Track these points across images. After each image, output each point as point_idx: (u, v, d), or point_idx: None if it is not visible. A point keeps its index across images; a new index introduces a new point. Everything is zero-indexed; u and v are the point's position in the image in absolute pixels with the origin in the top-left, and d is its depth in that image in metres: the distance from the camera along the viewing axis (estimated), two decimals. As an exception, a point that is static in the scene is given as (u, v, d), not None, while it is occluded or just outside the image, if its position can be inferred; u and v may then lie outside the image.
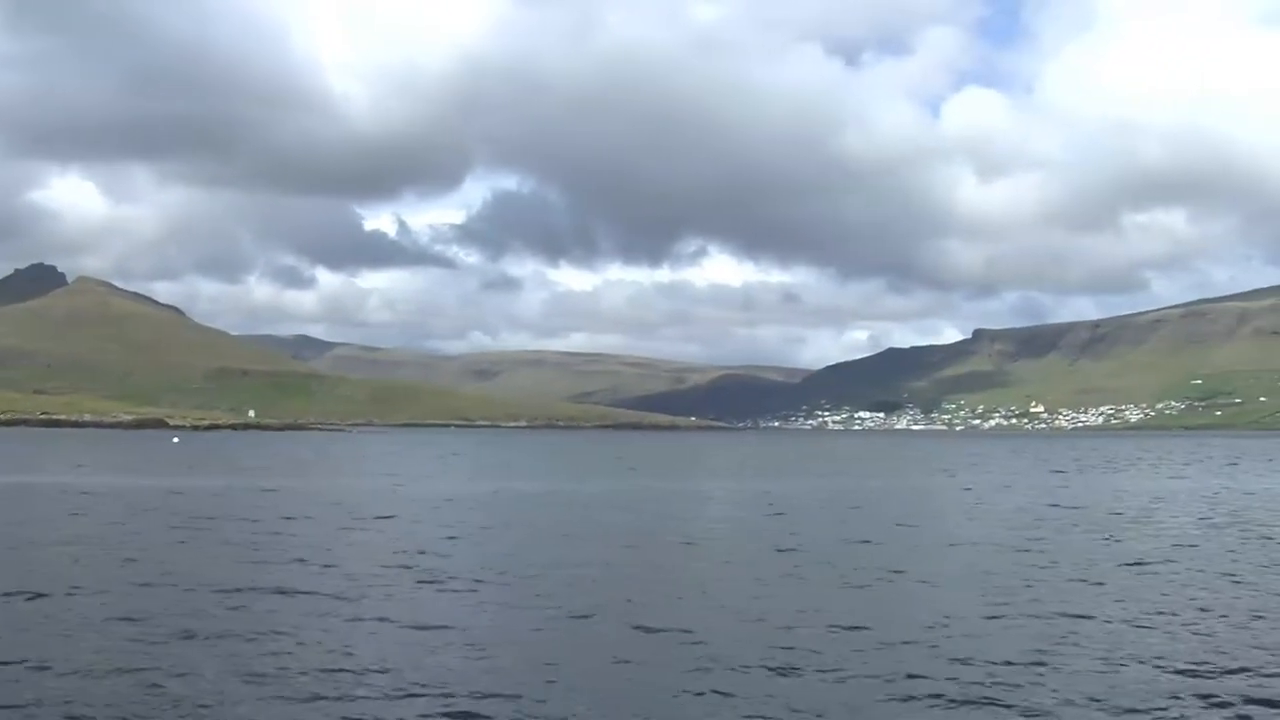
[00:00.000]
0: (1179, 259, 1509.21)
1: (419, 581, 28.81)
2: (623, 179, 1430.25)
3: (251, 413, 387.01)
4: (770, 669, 19.12)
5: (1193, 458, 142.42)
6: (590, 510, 54.37)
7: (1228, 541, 39.76)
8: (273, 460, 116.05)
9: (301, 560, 32.67)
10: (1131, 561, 33.76)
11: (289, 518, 46.83)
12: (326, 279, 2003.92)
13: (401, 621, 23.12)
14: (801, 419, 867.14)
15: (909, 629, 22.53)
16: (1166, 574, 31.04)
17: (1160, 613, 24.57)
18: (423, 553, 34.78)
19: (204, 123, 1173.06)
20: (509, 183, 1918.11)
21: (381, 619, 23.43)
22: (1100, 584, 29.14)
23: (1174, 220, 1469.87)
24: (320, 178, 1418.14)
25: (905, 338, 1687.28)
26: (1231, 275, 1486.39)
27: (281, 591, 26.80)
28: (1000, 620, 23.69)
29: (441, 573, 30.08)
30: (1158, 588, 28.39)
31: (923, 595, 27.78)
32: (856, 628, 22.57)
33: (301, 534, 40.54)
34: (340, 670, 18.84)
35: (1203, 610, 24.98)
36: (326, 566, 31.47)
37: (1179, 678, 18.60)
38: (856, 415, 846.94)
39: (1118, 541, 39.83)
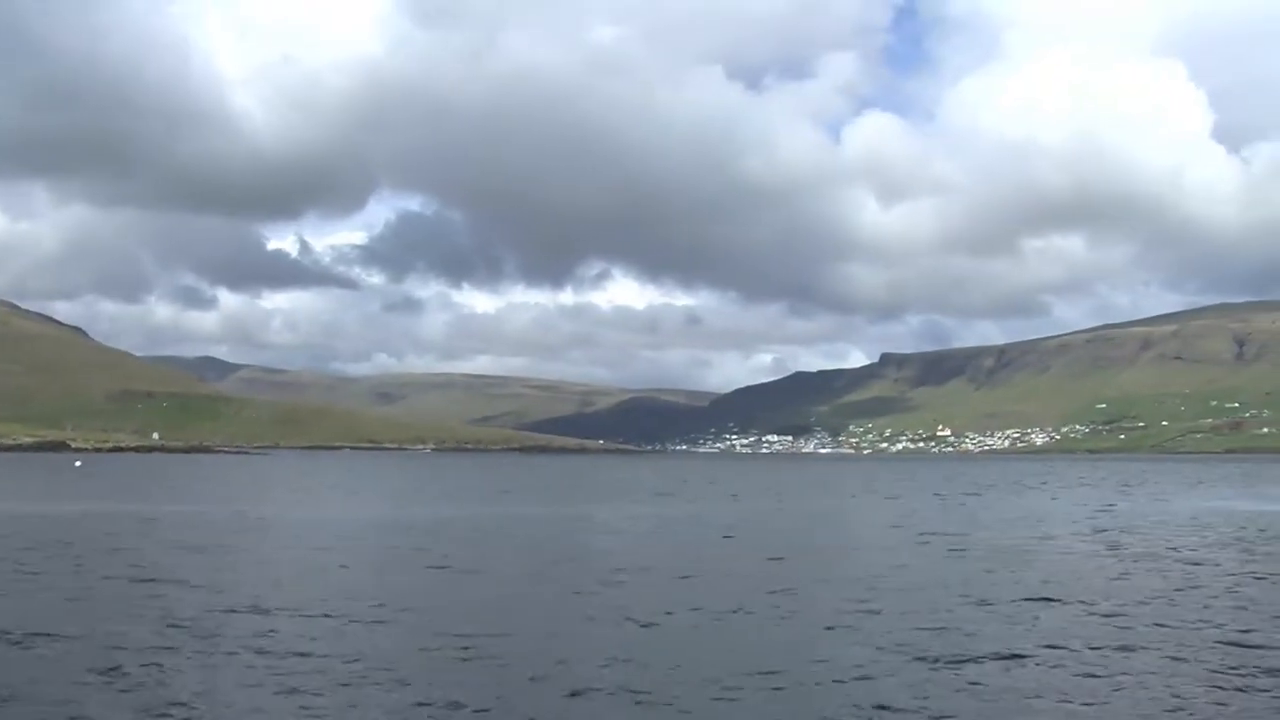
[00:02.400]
0: (1080, 284, 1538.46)
1: (266, 612, 28.22)
2: (525, 201, 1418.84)
3: (156, 435, 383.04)
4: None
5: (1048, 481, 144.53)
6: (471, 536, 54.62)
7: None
8: (168, 484, 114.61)
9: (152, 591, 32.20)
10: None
11: (157, 544, 46.33)
12: (228, 300, 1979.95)
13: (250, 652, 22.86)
14: (709, 442, 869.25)
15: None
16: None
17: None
18: (278, 584, 34.67)
19: (101, 139, 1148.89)
20: (412, 204, 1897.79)
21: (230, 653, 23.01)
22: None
23: (1073, 246, 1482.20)
24: (221, 196, 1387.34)
25: (812, 361, 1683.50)
26: (1132, 300, 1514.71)
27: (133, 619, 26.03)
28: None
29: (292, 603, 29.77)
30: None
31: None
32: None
33: (158, 562, 39.60)
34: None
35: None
36: (178, 598, 31.05)
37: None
38: (764, 438, 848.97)
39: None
